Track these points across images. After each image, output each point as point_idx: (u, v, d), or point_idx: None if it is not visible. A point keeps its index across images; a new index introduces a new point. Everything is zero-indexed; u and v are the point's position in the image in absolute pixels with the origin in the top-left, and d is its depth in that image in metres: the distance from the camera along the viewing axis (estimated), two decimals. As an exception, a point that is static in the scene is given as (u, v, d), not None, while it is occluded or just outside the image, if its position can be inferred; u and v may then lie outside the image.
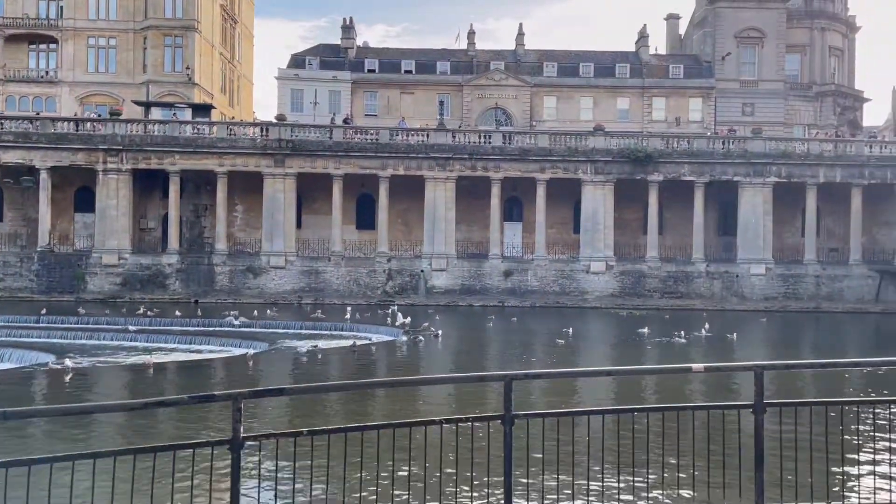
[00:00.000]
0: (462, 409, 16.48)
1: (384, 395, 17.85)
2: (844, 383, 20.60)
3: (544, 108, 63.30)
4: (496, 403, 17.53)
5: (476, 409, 16.26)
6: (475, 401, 17.03)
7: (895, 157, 47.06)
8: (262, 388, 4.68)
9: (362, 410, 16.01)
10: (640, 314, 42.57)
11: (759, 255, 46.74)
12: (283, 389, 4.88)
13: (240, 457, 4.74)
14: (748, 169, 46.75)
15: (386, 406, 16.59)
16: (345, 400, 17.25)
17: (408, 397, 17.61)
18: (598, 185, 46.74)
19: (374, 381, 4.71)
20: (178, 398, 4.89)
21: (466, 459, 7.30)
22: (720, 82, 62.60)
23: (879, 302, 45.94)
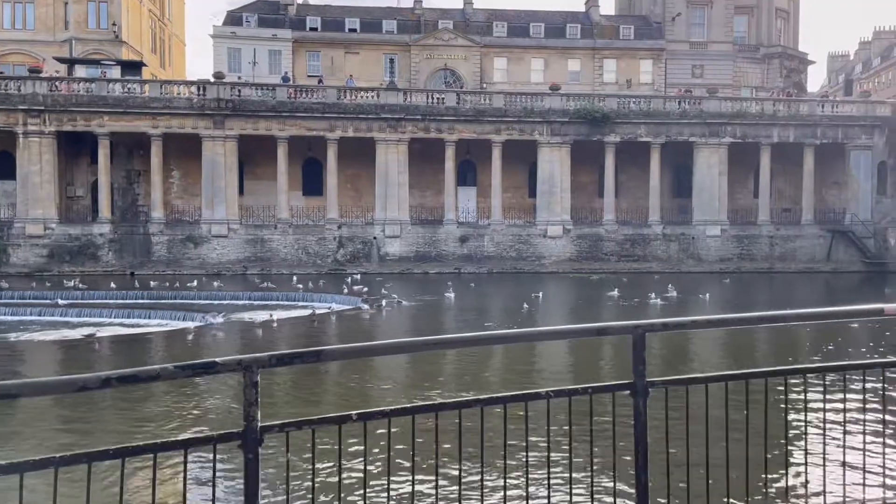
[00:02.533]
0: (509, 375, 15.08)
1: (403, 365, 16.25)
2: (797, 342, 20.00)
3: (494, 70, 61.54)
4: (509, 365, 16.27)
5: (500, 374, 14.84)
6: (488, 363, 15.57)
7: (846, 117, 47.28)
8: (284, 351, 3.00)
9: (381, 387, 14.38)
10: (599, 277, 41.88)
11: (714, 217, 46.52)
12: (319, 353, 3.03)
13: (258, 457, 3.02)
14: (704, 129, 46.24)
15: (409, 378, 15.00)
16: (352, 372, 15.47)
17: (426, 367, 16.05)
18: (555, 147, 45.48)
19: (446, 339, 3.19)
20: (156, 369, 3.12)
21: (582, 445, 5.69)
22: (670, 44, 62.00)
23: (830, 261, 46.44)
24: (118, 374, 3.02)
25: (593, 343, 20.28)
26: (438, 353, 17.72)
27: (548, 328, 3.47)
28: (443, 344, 3.21)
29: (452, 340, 3.25)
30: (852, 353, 18.67)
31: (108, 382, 2.92)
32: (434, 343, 3.28)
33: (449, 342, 3.12)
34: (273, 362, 3.12)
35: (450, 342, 3.18)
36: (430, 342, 3.26)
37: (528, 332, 3.28)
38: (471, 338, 3.28)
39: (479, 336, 3.29)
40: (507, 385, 14.45)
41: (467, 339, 3.29)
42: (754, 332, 20.83)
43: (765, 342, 20.32)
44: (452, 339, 3.23)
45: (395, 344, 3.28)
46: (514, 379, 15.39)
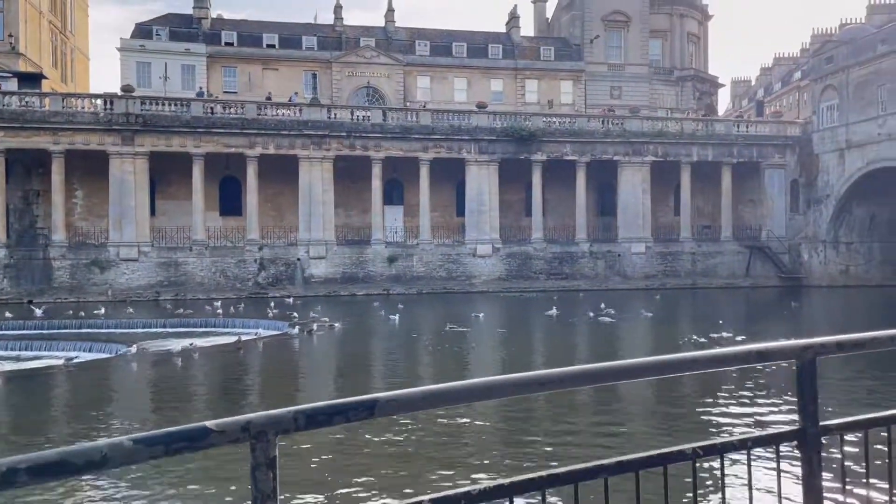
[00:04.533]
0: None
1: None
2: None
3: (418, 88, 60.88)
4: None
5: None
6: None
7: (760, 137, 49.00)
8: (314, 405, 1.89)
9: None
10: (531, 296, 41.40)
11: (639, 234, 47.07)
12: (372, 404, 1.76)
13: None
14: (627, 148, 46.88)
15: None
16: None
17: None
18: (483, 165, 45.00)
19: (551, 376, 2.19)
20: (100, 449, 1.79)
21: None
22: (589, 65, 63.10)
23: (749, 276, 47.74)
24: (29, 463, 1.69)
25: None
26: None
27: (691, 355, 2.36)
28: (549, 382, 2.00)
29: (559, 377, 2.04)
30: None
31: (12, 477, 1.62)
32: (537, 382, 2.10)
33: (555, 379, 1.88)
34: (301, 422, 1.90)
35: (557, 379, 1.94)
36: (532, 380, 2.09)
37: (667, 361, 2.08)
38: (582, 372, 2.12)
39: (597, 369, 2.19)
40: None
41: (579, 375, 2.12)
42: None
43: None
44: (557, 374, 2.06)
45: (486, 385, 2.09)
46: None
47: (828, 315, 35.17)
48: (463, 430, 11.78)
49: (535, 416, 12.96)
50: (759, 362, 2.55)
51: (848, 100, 44.97)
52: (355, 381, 17.19)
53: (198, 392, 16.71)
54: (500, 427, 12.30)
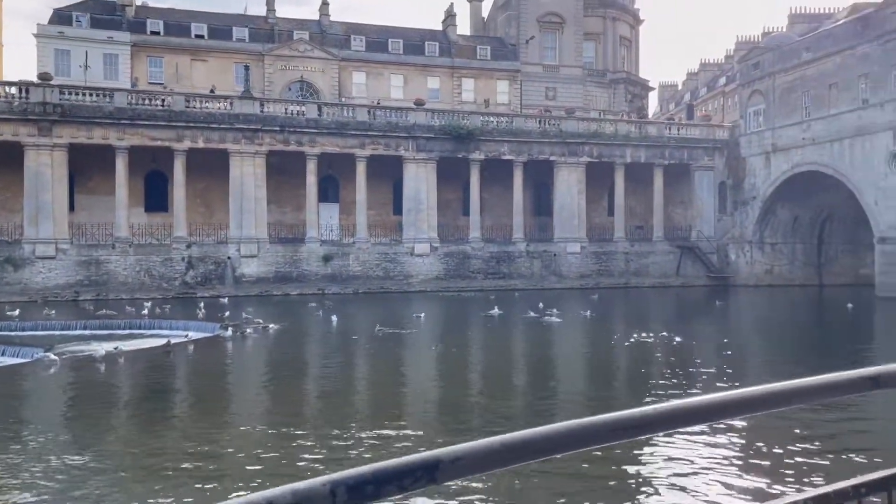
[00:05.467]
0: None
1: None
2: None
3: (353, 84, 59.84)
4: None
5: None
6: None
7: (690, 139, 50.20)
8: (368, 468, 1.35)
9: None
10: (470, 295, 41.14)
11: (574, 235, 47.49)
12: (433, 469, 1.12)
13: None
14: (563, 149, 47.21)
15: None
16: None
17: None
18: (421, 163, 44.47)
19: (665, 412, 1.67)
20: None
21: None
22: (525, 66, 63.43)
23: (680, 276, 48.84)
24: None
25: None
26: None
27: (801, 383, 1.84)
28: (659, 422, 1.40)
29: (670, 414, 1.47)
30: None
31: None
32: (645, 423, 1.55)
33: (670, 417, 1.29)
34: (341, 498, 1.31)
35: (670, 417, 1.35)
36: (641, 420, 1.54)
37: (779, 391, 1.49)
38: (718, 403, 1.58)
39: (729, 399, 1.69)
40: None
41: (718, 406, 1.59)
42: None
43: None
44: (669, 410, 1.51)
45: (588, 427, 1.53)
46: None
47: (749, 313, 36.24)
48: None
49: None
50: (874, 389, 2.04)
51: (774, 105, 46.54)
52: (294, 386, 16.39)
53: (124, 400, 15.57)
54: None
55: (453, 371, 18.14)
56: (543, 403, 14.45)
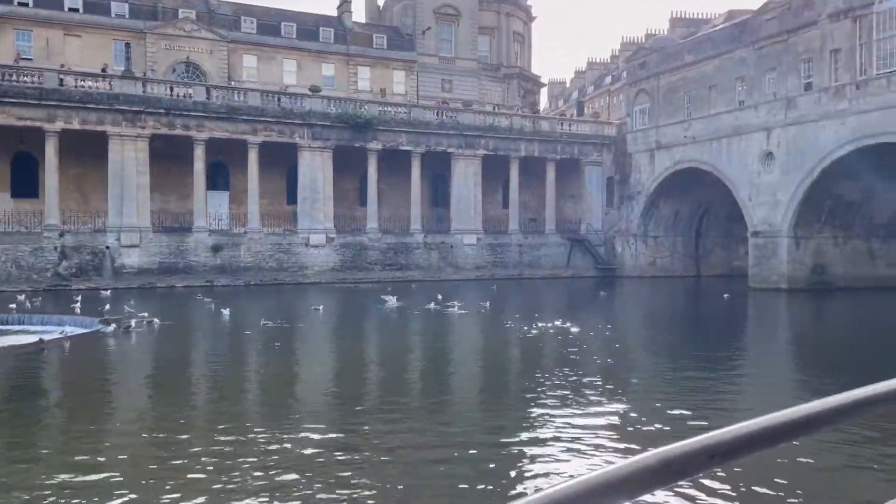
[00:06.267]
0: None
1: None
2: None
3: (243, 68, 57.50)
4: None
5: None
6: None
7: (581, 135, 51.75)
8: None
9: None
10: (366, 287, 40.57)
11: (471, 226, 47.87)
12: None
13: None
14: (461, 141, 47.43)
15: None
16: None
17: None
18: (317, 152, 43.34)
19: None
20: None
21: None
22: (421, 56, 63.21)
23: (570, 267, 50.33)
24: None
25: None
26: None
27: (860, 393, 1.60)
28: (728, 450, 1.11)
29: (735, 438, 1.18)
30: None
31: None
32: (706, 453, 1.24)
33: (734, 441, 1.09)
34: None
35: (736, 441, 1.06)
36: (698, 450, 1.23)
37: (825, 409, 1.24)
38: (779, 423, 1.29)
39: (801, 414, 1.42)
40: None
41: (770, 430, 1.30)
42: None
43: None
44: (731, 434, 1.22)
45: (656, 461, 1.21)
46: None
47: (628, 302, 37.84)
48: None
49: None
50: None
51: (658, 104, 48.70)
52: (181, 385, 15.34)
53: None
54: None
55: (351, 365, 17.65)
56: (447, 398, 14.29)
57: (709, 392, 14.38)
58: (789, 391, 15.21)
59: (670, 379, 15.75)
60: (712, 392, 14.44)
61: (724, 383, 15.53)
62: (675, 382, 15.27)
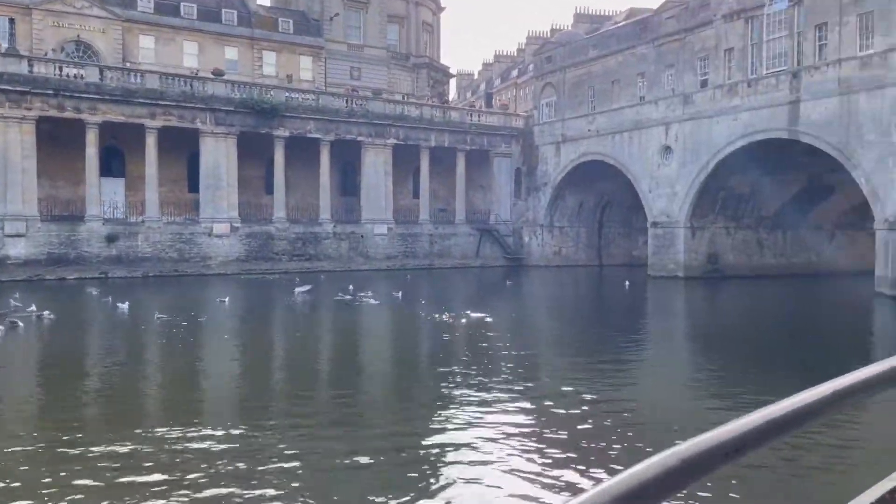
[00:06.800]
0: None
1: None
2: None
3: (140, 49, 54.60)
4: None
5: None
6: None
7: (490, 127, 52.28)
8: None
9: None
10: (273, 278, 39.57)
11: (381, 216, 47.52)
12: None
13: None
14: (371, 129, 46.92)
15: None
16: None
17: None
18: (220, 138, 41.77)
19: None
20: None
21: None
22: (329, 43, 62.01)
23: (479, 257, 50.88)
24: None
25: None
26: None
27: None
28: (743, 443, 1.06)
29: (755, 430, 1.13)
30: None
31: None
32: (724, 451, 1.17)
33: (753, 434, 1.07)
34: None
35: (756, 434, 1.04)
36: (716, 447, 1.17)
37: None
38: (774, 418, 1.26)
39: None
40: None
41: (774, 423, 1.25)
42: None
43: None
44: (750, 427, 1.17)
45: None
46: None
47: (535, 291, 38.70)
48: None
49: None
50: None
51: (564, 97, 49.83)
52: (73, 384, 14.41)
53: None
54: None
55: (257, 360, 17.13)
56: (357, 393, 14.09)
57: (614, 376, 14.86)
58: (688, 372, 15.92)
59: (577, 365, 16.16)
60: (618, 376, 14.93)
61: (628, 366, 16.09)
62: (581, 368, 15.68)
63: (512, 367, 15.27)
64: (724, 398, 12.94)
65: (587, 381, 13.70)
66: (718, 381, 14.57)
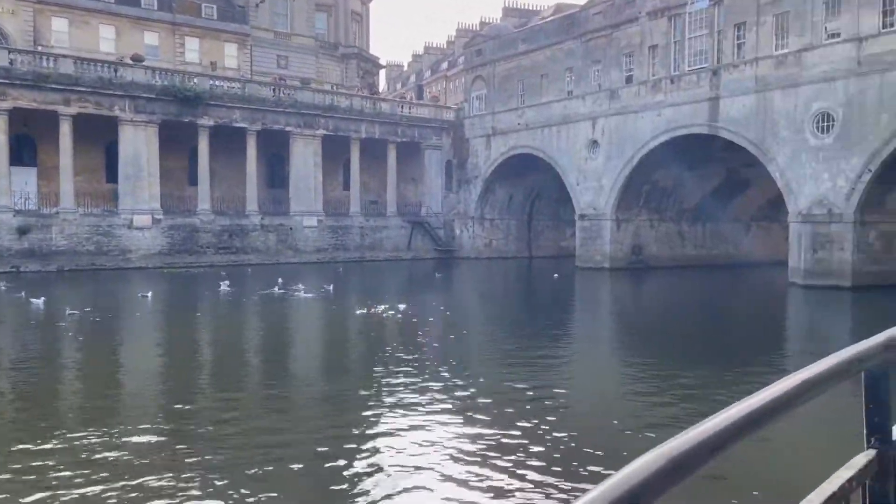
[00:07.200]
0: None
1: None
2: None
3: (52, 32, 51.87)
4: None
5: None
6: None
7: (421, 119, 52.15)
8: None
9: None
10: (197, 272, 38.42)
11: (311, 208, 46.78)
12: None
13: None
14: (299, 119, 46.06)
15: None
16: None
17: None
18: (140, 126, 40.17)
19: None
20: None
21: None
22: (255, 30, 60.49)
23: (411, 249, 50.79)
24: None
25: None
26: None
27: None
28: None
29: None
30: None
31: None
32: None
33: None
34: None
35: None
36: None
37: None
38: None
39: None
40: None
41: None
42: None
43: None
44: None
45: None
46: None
47: (466, 283, 38.97)
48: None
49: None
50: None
51: (494, 90, 50.18)
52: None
53: None
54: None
55: (181, 358, 16.56)
56: (286, 391, 13.83)
57: (545, 368, 15.05)
58: (617, 362, 16.31)
59: (507, 357, 16.29)
60: (548, 368, 15.14)
61: (559, 359, 16.35)
62: (511, 360, 15.81)
63: (442, 361, 15.24)
64: (652, 387, 13.30)
65: (517, 375, 13.82)
66: (646, 370, 14.98)
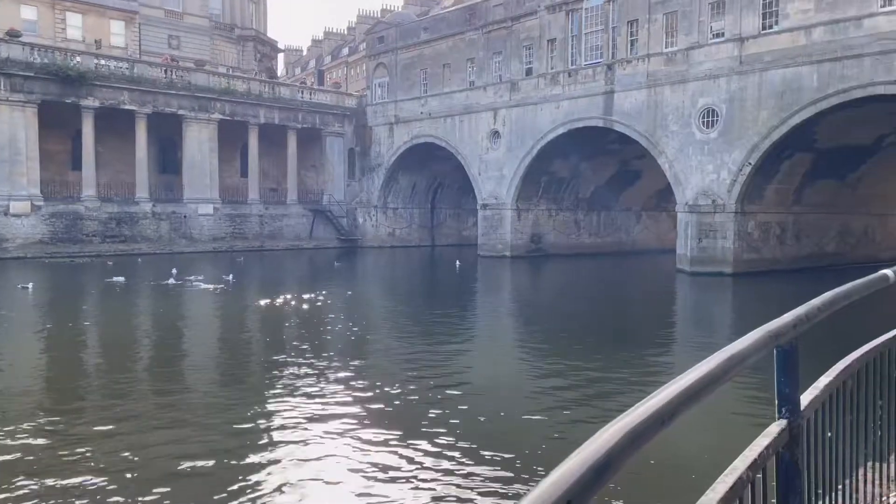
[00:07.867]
0: None
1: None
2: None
3: (-88, 0, 47.38)
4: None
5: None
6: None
7: (322, 105, 51.24)
8: None
9: None
10: (83, 261, 36.31)
11: (206, 195, 45.13)
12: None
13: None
14: (193, 103, 44.23)
15: None
16: None
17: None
18: (17, 107, 37.40)
19: None
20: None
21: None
22: (144, 8, 57.47)
23: (313, 238, 49.99)
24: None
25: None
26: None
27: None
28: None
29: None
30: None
31: None
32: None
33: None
34: None
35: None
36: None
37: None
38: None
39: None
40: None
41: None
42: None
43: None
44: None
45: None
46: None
47: (369, 271, 38.86)
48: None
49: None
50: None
51: (397, 78, 49.98)
52: None
53: None
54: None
55: (66, 355, 15.66)
56: (182, 390, 13.37)
57: (447, 354, 15.25)
58: (517, 346, 16.75)
59: (409, 345, 16.40)
60: (450, 354, 15.34)
61: (460, 345, 16.61)
62: (413, 348, 15.93)
63: (345, 351, 15.16)
64: (552, 367, 13.75)
65: (420, 362, 13.94)
66: (544, 352, 15.45)
